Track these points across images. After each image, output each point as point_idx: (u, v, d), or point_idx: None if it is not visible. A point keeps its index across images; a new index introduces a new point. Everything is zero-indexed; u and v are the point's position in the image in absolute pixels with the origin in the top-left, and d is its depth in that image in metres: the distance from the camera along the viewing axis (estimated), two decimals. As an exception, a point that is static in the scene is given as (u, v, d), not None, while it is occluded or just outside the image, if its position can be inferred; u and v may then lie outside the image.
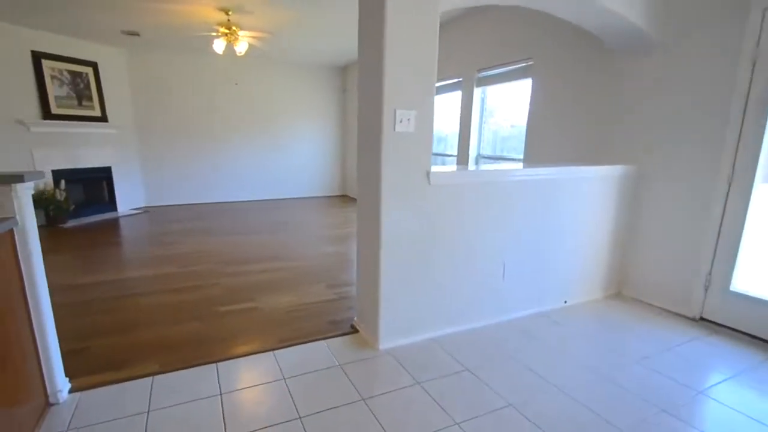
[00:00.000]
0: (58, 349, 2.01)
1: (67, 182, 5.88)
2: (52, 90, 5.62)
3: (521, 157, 4.34)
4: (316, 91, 8.32)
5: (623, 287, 3.36)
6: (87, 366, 2.28)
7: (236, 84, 6.57)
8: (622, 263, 3.31)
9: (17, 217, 1.77)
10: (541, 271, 2.91)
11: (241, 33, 4.81)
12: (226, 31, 4.73)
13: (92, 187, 6.58)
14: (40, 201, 5.48)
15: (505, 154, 4.71)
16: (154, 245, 4.79)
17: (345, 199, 8.55)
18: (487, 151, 4.89)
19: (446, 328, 2.63)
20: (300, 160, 8.50)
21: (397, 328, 2.46)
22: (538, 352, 2.45)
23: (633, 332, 2.74)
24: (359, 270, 2.63)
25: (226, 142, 7.76)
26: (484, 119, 4.82)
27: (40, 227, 5.31)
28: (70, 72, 5.87)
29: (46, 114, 5.56)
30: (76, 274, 3.73)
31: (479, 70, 4.64)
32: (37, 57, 5.42)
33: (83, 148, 6.14)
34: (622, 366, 2.31)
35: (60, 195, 5.60)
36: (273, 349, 2.46)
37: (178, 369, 2.24)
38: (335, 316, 2.94)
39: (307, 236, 5.29)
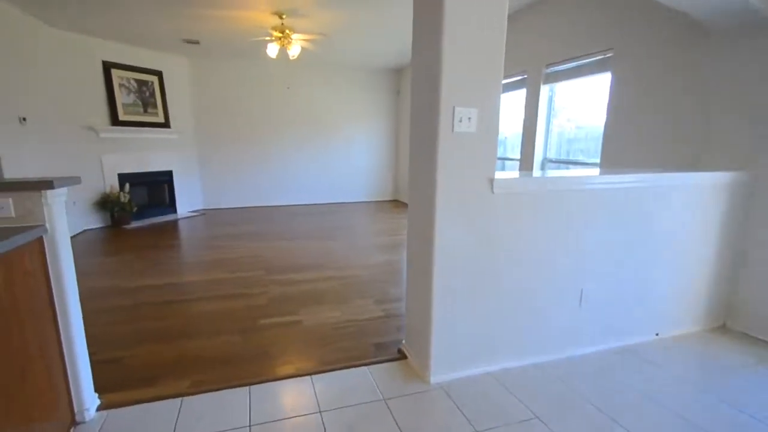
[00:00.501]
0: (88, 363, 1.90)
1: (131, 185, 6.16)
2: (120, 98, 5.91)
3: (593, 161, 3.83)
4: (369, 94, 8.17)
5: (729, 319, 2.77)
6: (120, 379, 2.17)
7: (288, 88, 6.58)
8: (728, 290, 2.73)
9: (47, 225, 1.66)
10: (627, 297, 2.44)
11: (294, 36, 4.74)
12: (280, 35, 4.66)
13: (154, 190, 6.86)
14: (105, 203, 5.76)
15: (573, 157, 4.20)
16: (207, 249, 4.80)
17: (397, 204, 8.29)
18: (554, 154, 4.40)
19: (509, 361, 2.25)
20: (352, 164, 8.38)
21: (452, 358, 2.13)
22: (623, 398, 2.00)
23: (745, 377, 2.19)
24: (408, 288, 2.32)
25: (279, 147, 7.82)
26: (551, 119, 4.33)
27: (105, 227, 5.54)
28: (137, 80, 6.15)
29: (114, 120, 5.84)
30: (129, 277, 3.77)
31: (548, 66, 4.17)
32: (108, 66, 5.71)
33: (147, 153, 6.40)
34: (735, 422, 1.81)
35: (124, 197, 5.85)
36: (312, 373, 2.22)
37: (209, 390, 2.06)
38: (382, 336, 2.66)
39: (357, 243, 5.09)
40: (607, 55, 3.51)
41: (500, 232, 2.03)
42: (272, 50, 4.75)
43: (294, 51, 4.79)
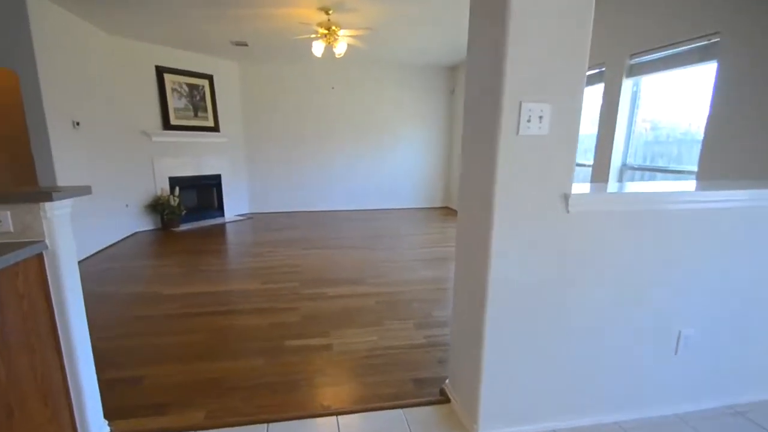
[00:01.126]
0: (97, 392, 1.73)
1: (181, 189, 6.25)
2: (172, 102, 6.02)
3: (686, 168, 3.22)
4: (420, 94, 7.83)
5: None
6: (134, 404, 1.99)
7: (333, 88, 6.39)
8: None
9: (47, 240, 1.48)
10: (740, 345, 1.90)
11: (341, 32, 4.52)
12: (326, 31, 4.46)
13: (204, 193, 6.95)
14: (156, 206, 5.86)
15: (655, 163, 3.59)
16: (247, 256, 4.70)
17: (447, 212, 7.86)
18: (636, 160, 3.79)
19: (580, 418, 1.81)
20: (401, 169, 8.07)
21: (508, 409, 1.73)
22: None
23: None
24: (455, 318, 1.95)
25: (326, 150, 7.68)
26: (634, 119, 3.74)
27: (155, 230, 5.60)
28: (189, 84, 6.25)
29: (166, 125, 5.95)
30: (165, 284, 3.70)
31: (632, 56, 3.59)
32: (161, 71, 5.83)
33: (197, 157, 6.49)
34: None
35: (173, 201, 5.94)
36: (338, 413, 1.91)
37: (224, 425, 1.82)
38: (422, 370, 2.30)
39: (401, 255, 4.75)
40: (713, 41, 2.91)
41: (574, 260, 1.60)
42: (318, 48, 4.56)
43: (340, 48, 4.57)
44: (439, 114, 8.00)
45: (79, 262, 4.42)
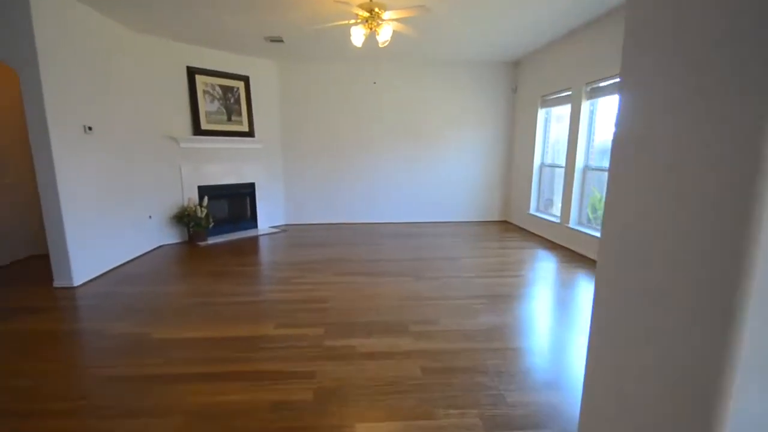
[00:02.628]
0: None
1: (211, 198, 5.72)
2: (204, 105, 5.50)
3: None
4: (478, 93, 6.83)
5: None
6: None
7: (375, 83, 5.59)
8: None
9: None
10: None
11: (385, 15, 3.69)
12: (367, 14, 3.65)
13: (236, 203, 6.41)
14: (182, 218, 5.34)
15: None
16: (270, 282, 3.98)
17: (506, 227, 6.76)
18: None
19: None
20: (451, 177, 7.09)
21: None
22: None
23: None
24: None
25: (369, 157, 6.90)
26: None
27: (181, 243, 4.97)
28: (222, 86, 5.72)
29: (197, 129, 5.44)
30: (164, 322, 3.03)
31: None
32: (192, 72, 5.33)
33: (229, 164, 5.94)
34: None
35: (200, 212, 5.39)
36: None
37: None
38: None
39: (454, 287, 3.80)
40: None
41: None
42: (357, 36, 3.76)
43: (384, 35, 3.74)
44: (498, 116, 6.95)
45: (89, 281, 3.91)
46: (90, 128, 3.85)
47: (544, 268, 4.58)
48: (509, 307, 3.33)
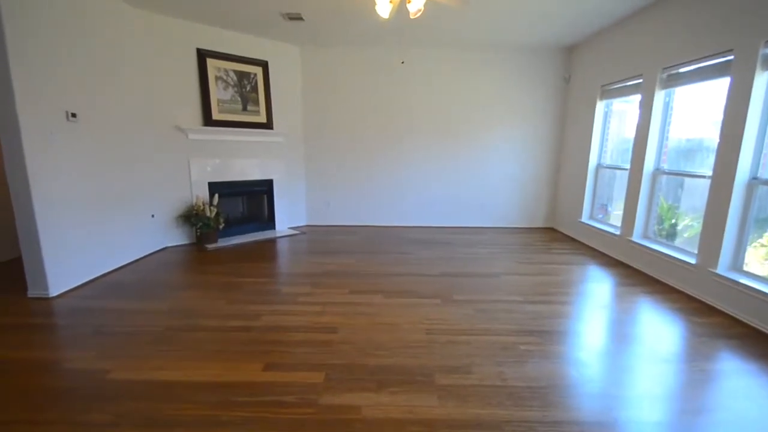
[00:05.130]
0: None
1: (224, 196, 5.20)
2: (215, 92, 4.97)
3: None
4: (523, 82, 5.95)
5: None
6: None
7: (402, 62, 4.79)
8: None
9: None
10: None
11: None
12: (393, -24, 2.94)
13: (251, 202, 5.89)
14: (189, 217, 4.85)
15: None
16: (274, 301, 3.35)
17: (553, 236, 5.88)
18: None
19: None
20: (492, 177, 6.27)
21: None
22: None
23: None
24: None
25: (398, 154, 6.19)
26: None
27: (188, 245, 4.65)
28: (238, 72, 5.17)
29: (207, 120, 4.92)
30: (129, 353, 2.47)
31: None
32: (203, 55, 4.81)
33: (244, 159, 5.40)
34: None
35: (210, 211, 4.88)
36: None
37: None
38: None
39: (490, 316, 3.05)
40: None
41: None
42: (383, 4, 3.05)
43: (416, 2, 3.00)
44: (546, 109, 6.04)
45: (69, 291, 3.32)
46: (74, 115, 3.35)
47: (604, 292, 3.73)
48: (566, 351, 2.55)
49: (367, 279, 3.87)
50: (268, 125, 5.55)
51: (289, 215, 6.07)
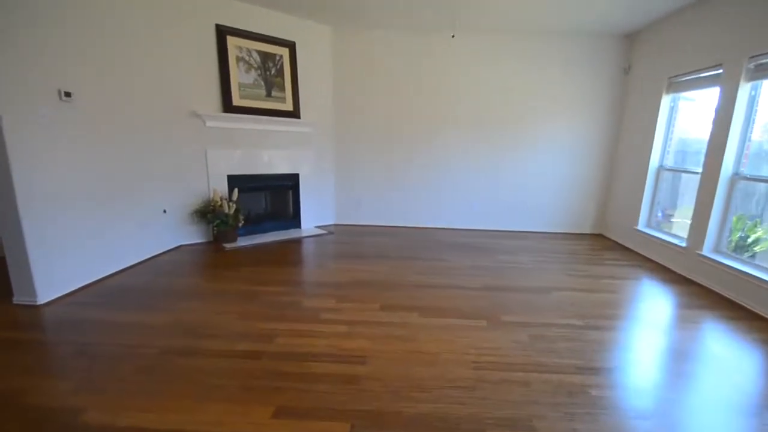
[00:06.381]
0: None
1: (245, 191, 4.77)
2: (236, 75, 4.51)
3: None
4: (574, 74, 5.22)
5: None
6: None
7: (453, 36, 4.14)
8: None
9: None
10: None
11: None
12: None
13: (275, 197, 5.44)
14: (205, 213, 4.43)
15: None
16: (295, 316, 2.85)
17: (602, 243, 5.16)
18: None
19: None
20: (536, 178, 5.59)
21: None
22: None
23: None
24: None
25: (436, 149, 5.59)
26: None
27: (204, 244, 4.22)
28: (261, 53, 4.69)
29: (227, 105, 4.48)
30: (120, 389, 2.01)
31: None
32: (222, 33, 4.35)
33: (267, 150, 4.94)
34: None
35: (228, 207, 4.45)
36: None
37: None
38: None
39: (547, 346, 2.46)
40: None
41: None
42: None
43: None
44: (600, 103, 5.30)
45: (60, 297, 2.81)
46: (68, 94, 2.93)
47: (675, 317, 3.06)
48: (648, 398, 1.94)
49: (401, 291, 3.32)
50: (294, 114, 5.06)
51: (316, 213, 5.59)
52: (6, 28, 2.52)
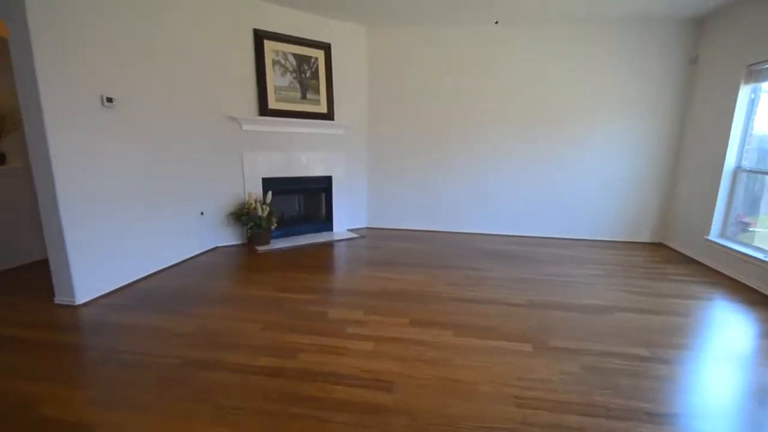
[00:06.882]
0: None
1: (279, 193, 4.75)
2: (272, 78, 4.48)
3: None
4: (631, 64, 4.77)
5: None
6: None
7: (496, 23, 3.86)
8: None
9: None
10: None
11: None
12: None
13: (308, 199, 5.38)
14: (240, 216, 4.43)
15: None
16: (318, 328, 2.74)
17: (663, 254, 4.66)
18: None
19: None
20: (586, 179, 5.16)
21: None
22: None
23: None
24: None
25: (473, 150, 5.32)
26: None
27: (236, 247, 4.16)
28: (297, 56, 4.64)
29: (263, 109, 4.46)
30: (138, 404, 1.95)
31: None
32: (260, 37, 4.33)
33: (301, 153, 4.89)
34: None
35: (262, 210, 4.43)
36: None
37: None
38: None
39: (607, 381, 2.14)
40: None
41: None
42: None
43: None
44: (661, 97, 4.79)
45: (97, 298, 2.94)
46: (110, 100, 2.98)
47: (761, 348, 2.60)
48: None
49: (434, 304, 3.11)
50: (328, 116, 4.98)
51: (348, 215, 5.49)
52: (51, 36, 2.56)
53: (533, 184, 5.27)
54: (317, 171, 5.07)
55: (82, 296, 2.87)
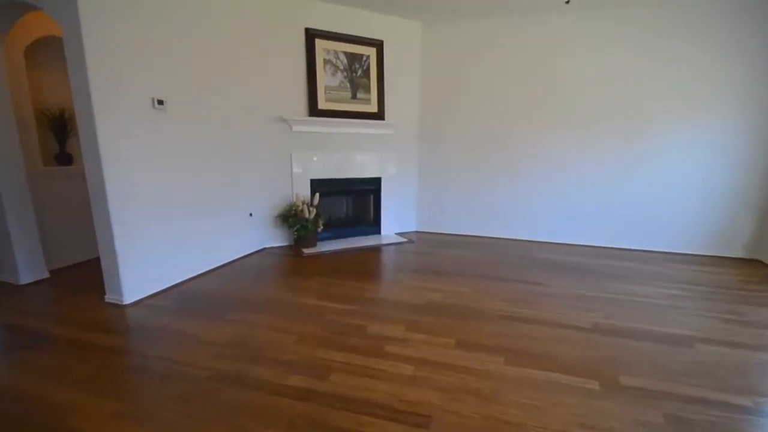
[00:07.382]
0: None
1: (327, 194, 4.67)
2: (323, 78, 4.39)
3: None
4: (718, 51, 4.07)
5: None
6: None
7: (567, 2, 3.47)
8: None
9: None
10: None
11: None
12: None
13: (356, 202, 5.26)
14: (287, 218, 4.39)
15: None
16: (364, 341, 2.57)
17: (762, 271, 3.94)
18: None
19: None
20: (666, 184, 4.53)
21: None
22: None
23: None
24: None
25: (534, 151, 4.88)
26: None
27: (283, 248, 4.16)
28: (348, 55, 4.51)
29: (313, 110, 4.38)
30: (163, 427, 1.89)
31: None
32: (312, 36, 4.25)
33: (350, 153, 4.77)
34: None
35: (308, 212, 4.36)
36: None
37: None
38: None
39: (692, 425, 1.75)
40: None
41: None
42: None
43: None
44: (755, 89, 4.04)
45: (144, 298, 2.99)
46: (161, 102, 3.02)
47: None
48: None
49: (483, 323, 2.81)
50: (378, 115, 4.81)
51: (397, 219, 5.29)
52: (103, 37, 2.62)
53: (603, 188, 4.72)
54: (366, 172, 4.93)
55: (129, 296, 2.94)
